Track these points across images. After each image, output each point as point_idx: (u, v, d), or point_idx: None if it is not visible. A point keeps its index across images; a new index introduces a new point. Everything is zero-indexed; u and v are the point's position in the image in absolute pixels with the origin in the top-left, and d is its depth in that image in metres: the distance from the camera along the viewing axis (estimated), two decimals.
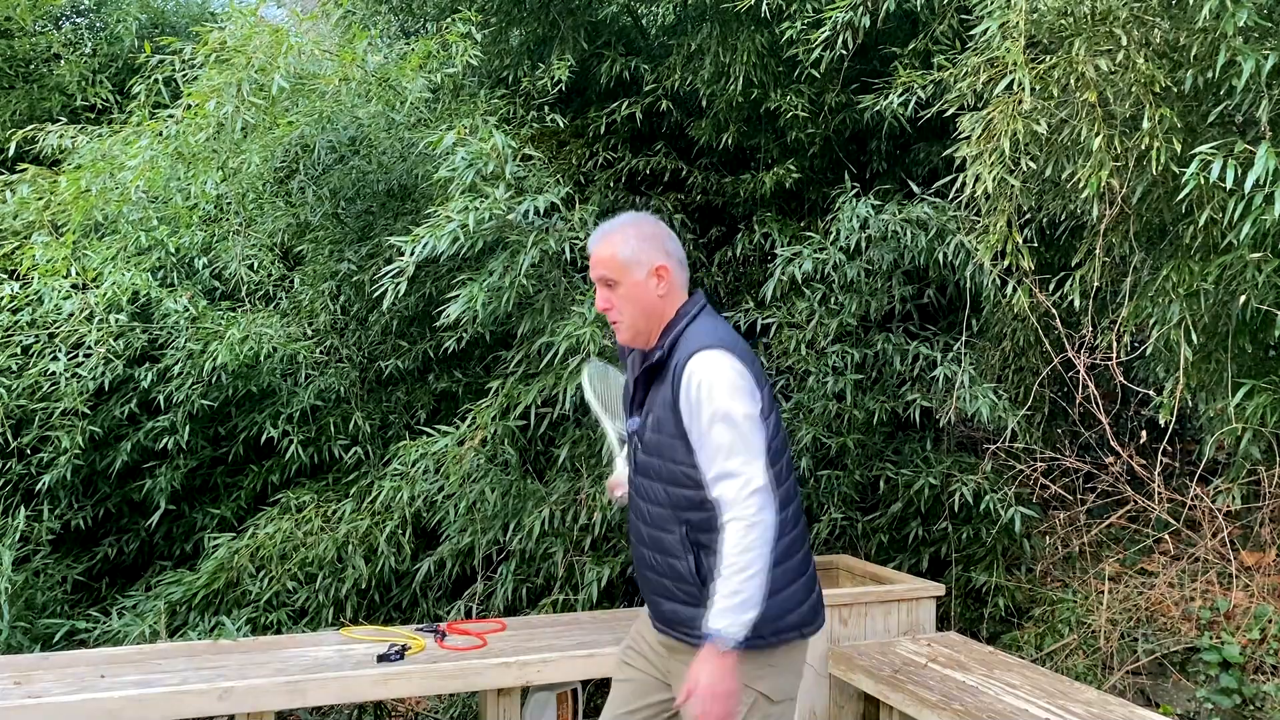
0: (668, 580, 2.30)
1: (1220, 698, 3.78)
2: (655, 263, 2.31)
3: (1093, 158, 3.29)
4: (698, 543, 2.23)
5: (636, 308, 2.32)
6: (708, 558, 2.20)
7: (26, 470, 4.39)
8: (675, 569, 2.27)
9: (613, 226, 2.36)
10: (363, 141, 4.70)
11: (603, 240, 2.34)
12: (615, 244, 2.32)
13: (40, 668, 3.40)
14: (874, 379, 4.80)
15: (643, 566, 2.38)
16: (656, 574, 2.33)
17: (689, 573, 2.24)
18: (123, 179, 4.23)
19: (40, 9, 6.37)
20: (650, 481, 2.31)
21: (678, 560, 2.26)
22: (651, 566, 2.34)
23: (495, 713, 3.64)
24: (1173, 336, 3.47)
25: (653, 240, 2.34)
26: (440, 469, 4.20)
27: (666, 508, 2.27)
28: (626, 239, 2.32)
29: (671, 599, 2.30)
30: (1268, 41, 3.01)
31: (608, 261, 2.32)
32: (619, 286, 2.32)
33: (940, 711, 3.30)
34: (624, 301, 2.32)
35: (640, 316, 2.32)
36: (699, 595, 2.21)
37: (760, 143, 5.23)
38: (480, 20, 4.87)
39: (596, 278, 2.35)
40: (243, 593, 4.30)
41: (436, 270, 4.62)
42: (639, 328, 2.33)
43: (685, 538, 2.24)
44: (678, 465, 2.24)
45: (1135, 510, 4.56)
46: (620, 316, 2.33)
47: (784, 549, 2.25)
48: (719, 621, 2.08)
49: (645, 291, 2.31)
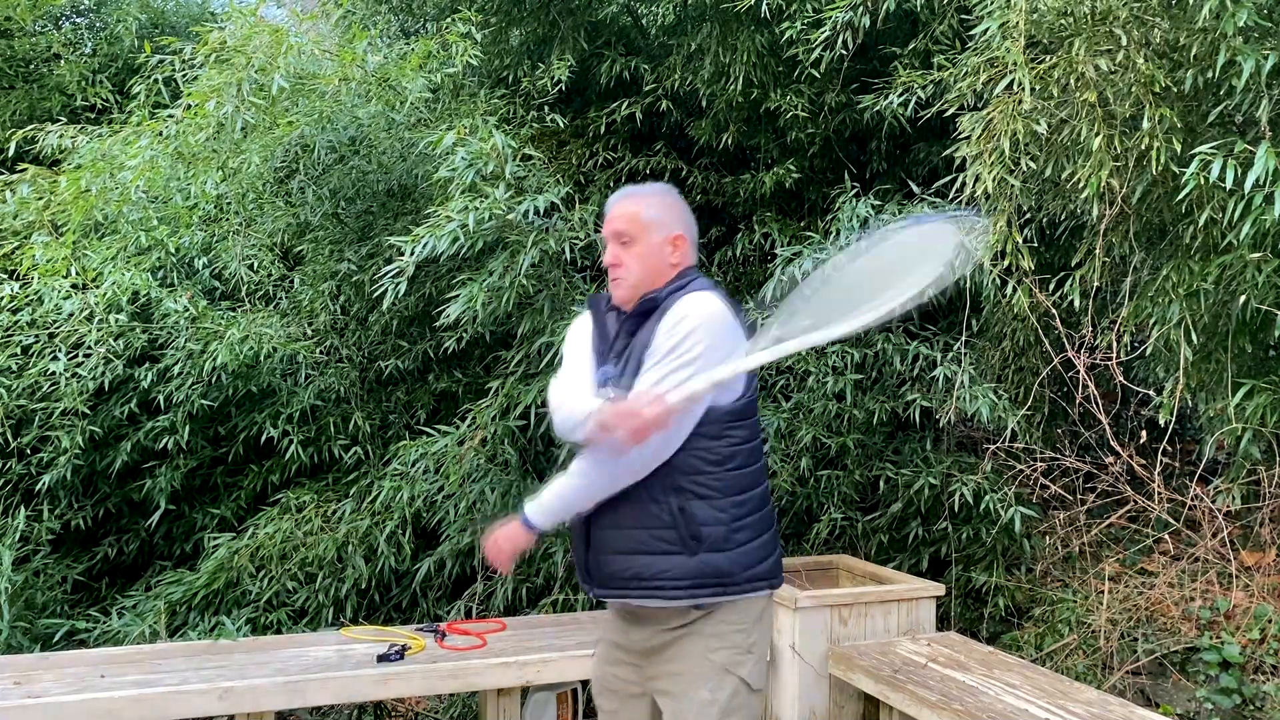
0: (640, 530, 2.23)
1: (1220, 698, 3.78)
2: (674, 231, 2.34)
3: (1093, 158, 3.29)
4: (680, 486, 2.21)
5: (645, 268, 2.31)
6: (690, 502, 2.20)
7: (26, 470, 4.38)
8: (651, 515, 2.22)
9: (639, 189, 2.40)
10: (363, 141, 4.70)
11: (628, 198, 2.36)
12: (641, 203, 2.34)
13: (40, 668, 3.40)
14: (874, 379, 4.80)
15: (602, 529, 2.30)
16: (626, 529, 2.26)
17: (671, 517, 2.21)
18: (123, 179, 4.23)
19: (40, 9, 6.37)
20: None
21: (655, 505, 2.22)
22: (618, 524, 2.26)
23: (495, 713, 3.65)
24: (1173, 336, 3.47)
25: (676, 211, 2.37)
26: (440, 469, 4.20)
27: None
28: (652, 202, 2.35)
29: (645, 552, 2.23)
30: (1268, 41, 3.01)
31: (630, 217, 2.32)
32: (634, 245, 2.32)
33: (940, 711, 3.30)
34: (635, 260, 2.32)
35: (646, 278, 2.32)
36: (678, 540, 2.20)
37: (760, 143, 5.23)
38: (480, 20, 4.87)
39: (612, 233, 2.34)
40: (243, 593, 4.29)
41: (436, 270, 4.62)
42: (639, 290, 2.32)
43: (665, 482, 2.21)
44: None
45: (1135, 510, 4.56)
46: (625, 275, 2.32)
47: (755, 501, 2.28)
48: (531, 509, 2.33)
49: (659, 255, 2.32)
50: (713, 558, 2.22)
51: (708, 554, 2.22)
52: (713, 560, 2.22)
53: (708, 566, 2.22)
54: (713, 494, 2.23)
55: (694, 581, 2.22)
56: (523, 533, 2.35)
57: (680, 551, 2.21)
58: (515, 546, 2.36)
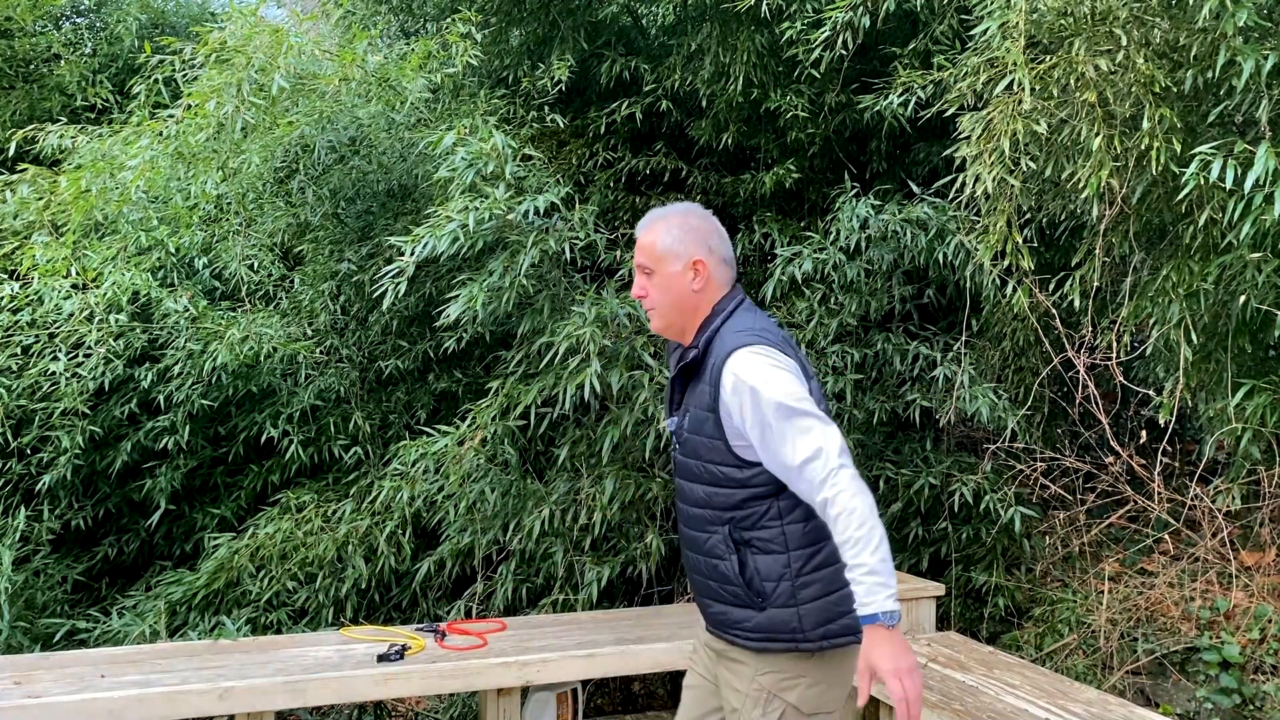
0: (713, 582, 2.26)
1: (1220, 698, 3.78)
2: (694, 256, 2.28)
3: (1093, 158, 3.28)
4: (742, 540, 2.20)
5: (669, 298, 2.30)
6: (753, 557, 2.18)
7: (26, 470, 4.39)
8: (719, 570, 2.24)
9: (661, 214, 2.34)
10: (363, 141, 4.70)
11: (647, 227, 2.33)
12: (657, 232, 2.31)
13: (40, 668, 3.40)
14: (874, 379, 4.80)
15: (689, 569, 2.36)
16: (702, 576, 2.30)
17: (733, 573, 2.21)
18: (123, 179, 4.23)
19: (40, 9, 6.37)
20: (690, 483, 2.28)
21: (721, 561, 2.23)
22: (696, 569, 2.31)
23: (495, 713, 3.65)
24: (1173, 336, 3.47)
25: (696, 234, 2.31)
26: (440, 469, 4.20)
27: (707, 509, 2.25)
28: (670, 228, 2.30)
29: (719, 600, 2.26)
30: (1268, 41, 3.01)
31: (646, 249, 2.31)
32: (654, 275, 2.30)
33: (940, 711, 3.30)
34: (657, 291, 2.31)
35: (672, 308, 2.30)
36: (745, 596, 2.19)
37: (760, 143, 5.23)
38: (480, 20, 4.87)
39: (636, 264, 2.34)
40: (243, 593, 4.30)
41: (436, 270, 4.62)
42: (670, 319, 2.32)
43: (729, 537, 2.21)
44: (717, 466, 2.21)
45: (1135, 510, 4.56)
46: (654, 305, 2.32)
47: (831, 551, 2.19)
48: (870, 604, 1.97)
49: (679, 284, 2.29)
50: (780, 613, 2.18)
51: (775, 610, 2.18)
52: (780, 615, 2.18)
53: (777, 621, 2.18)
54: (777, 548, 2.19)
55: (765, 636, 2.19)
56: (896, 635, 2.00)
57: (746, 605, 2.20)
58: (913, 662, 2.00)
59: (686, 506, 2.31)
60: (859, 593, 1.99)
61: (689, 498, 2.29)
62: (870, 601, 1.97)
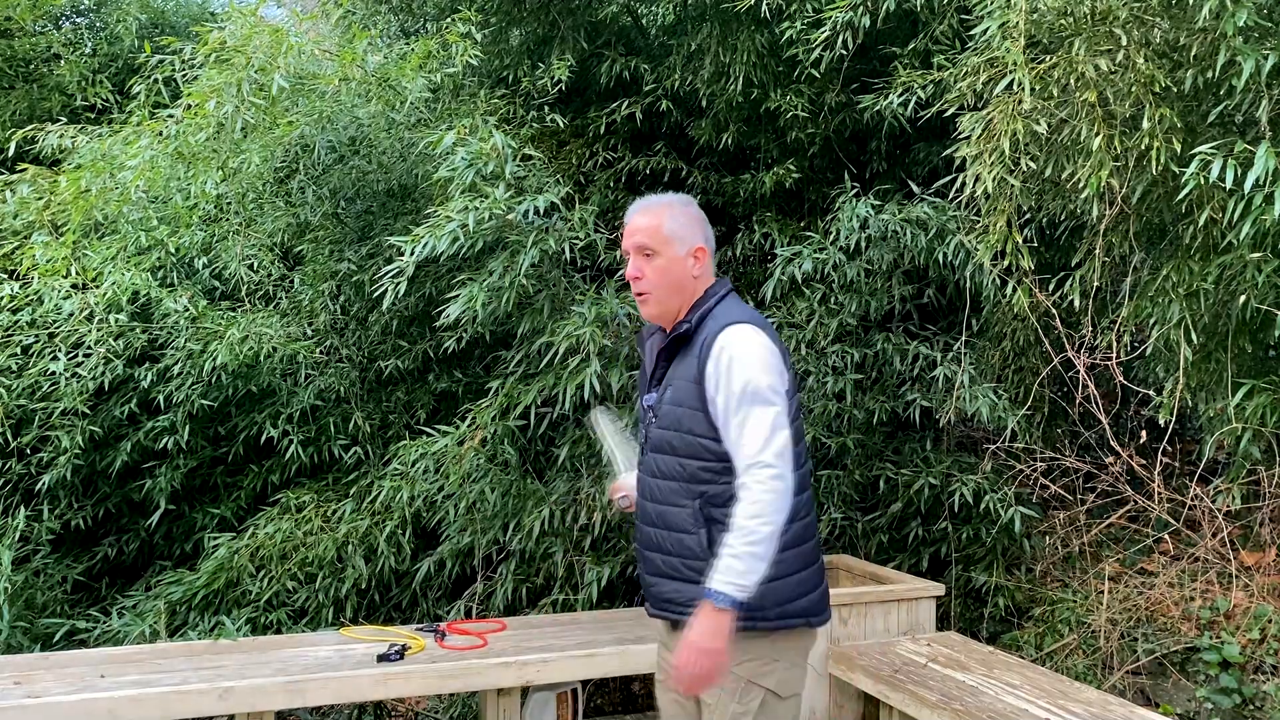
0: (675, 558, 2.27)
1: (1220, 698, 3.78)
2: (695, 244, 2.34)
3: (1093, 158, 3.28)
4: (711, 517, 2.21)
5: (669, 282, 2.32)
6: (721, 533, 2.18)
7: (26, 470, 4.39)
8: (685, 544, 2.25)
9: (659, 200, 2.38)
10: (363, 141, 4.70)
11: (648, 211, 2.36)
12: (662, 216, 2.34)
13: (40, 667, 3.40)
14: (874, 379, 4.80)
15: (648, 547, 2.35)
16: (662, 552, 2.30)
17: (700, 547, 2.22)
18: (123, 179, 4.22)
19: (40, 9, 6.37)
20: (664, 456, 2.30)
21: (687, 535, 2.24)
22: (657, 546, 2.31)
23: (495, 713, 3.65)
24: (1173, 336, 3.47)
25: (697, 223, 2.37)
26: (440, 469, 4.20)
27: (680, 480, 2.26)
28: (674, 214, 2.35)
29: (676, 577, 2.27)
30: (1268, 41, 3.00)
31: (651, 231, 2.32)
32: (656, 258, 2.32)
33: (940, 711, 3.30)
34: (657, 274, 2.32)
35: (671, 293, 2.33)
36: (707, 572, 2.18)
37: (760, 143, 5.23)
38: (480, 20, 4.87)
39: (634, 246, 2.34)
40: (243, 593, 4.30)
41: (436, 270, 4.62)
42: (666, 305, 2.34)
43: (699, 511, 2.23)
44: (696, 438, 2.23)
45: (1135, 510, 4.56)
46: (650, 288, 2.34)
47: (797, 534, 2.25)
48: (718, 579, 2.08)
49: (682, 269, 2.33)
50: None
51: None
52: None
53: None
54: None
55: None
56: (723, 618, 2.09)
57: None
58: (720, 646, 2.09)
59: (657, 481, 2.31)
60: (715, 568, 2.09)
61: (662, 471, 2.30)
62: (716, 580, 2.08)
